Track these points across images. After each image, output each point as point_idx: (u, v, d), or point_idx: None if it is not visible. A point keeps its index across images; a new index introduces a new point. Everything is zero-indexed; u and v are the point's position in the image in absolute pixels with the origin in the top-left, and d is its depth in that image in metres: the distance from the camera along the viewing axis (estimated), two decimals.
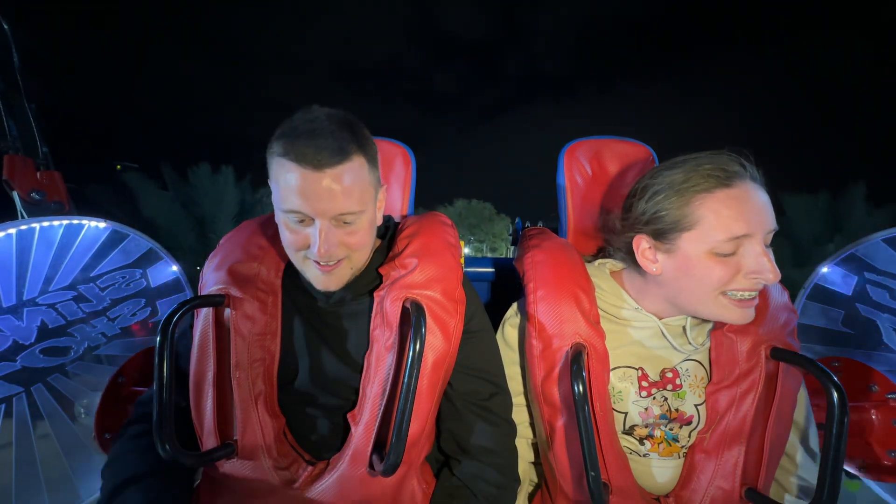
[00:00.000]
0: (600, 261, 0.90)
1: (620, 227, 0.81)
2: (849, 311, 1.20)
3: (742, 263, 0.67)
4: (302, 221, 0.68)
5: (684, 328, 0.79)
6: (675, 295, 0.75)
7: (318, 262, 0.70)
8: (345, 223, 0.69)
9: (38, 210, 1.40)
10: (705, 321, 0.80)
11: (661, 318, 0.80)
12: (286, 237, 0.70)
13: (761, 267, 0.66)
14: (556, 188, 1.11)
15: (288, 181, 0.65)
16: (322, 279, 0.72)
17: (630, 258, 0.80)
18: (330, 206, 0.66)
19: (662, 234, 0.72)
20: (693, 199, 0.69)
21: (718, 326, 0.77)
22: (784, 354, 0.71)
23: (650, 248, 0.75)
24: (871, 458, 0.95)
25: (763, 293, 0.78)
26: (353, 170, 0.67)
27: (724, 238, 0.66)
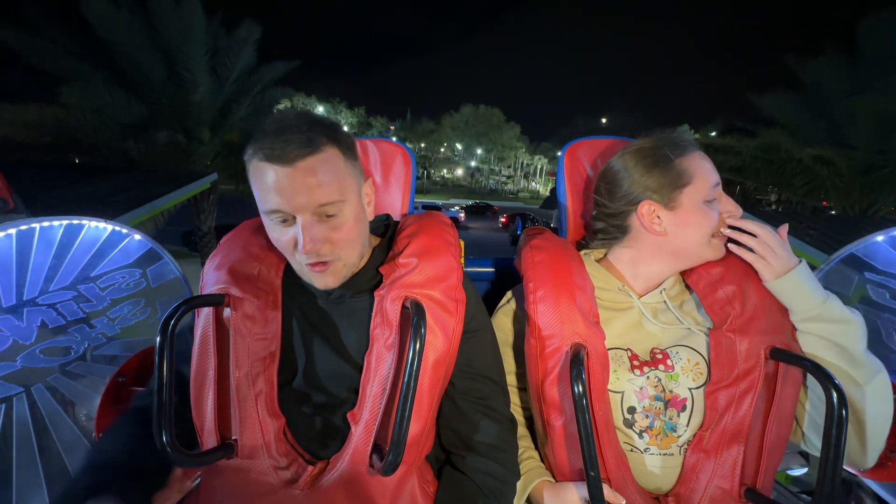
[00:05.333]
0: (584, 251, 0.95)
1: (618, 205, 0.86)
2: None
3: (719, 207, 0.82)
4: (285, 221, 0.68)
5: (666, 304, 0.84)
6: (677, 248, 0.83)
7: (309, 264, 0.70)
8: (327, 216, 0.68)
9: None
10: (682, 297, 0.86)
11: (640, 297, 0.85)
12: (275, 240, 0.71)
13: (731, 205, 0.82)
14: (556, 189, 1.11)
15: (264, 181, 0.65)
16: (319, 279, 0.73)
17: (621, 233, 0.87)
18: (308, 200, 0.65)
19: (668, 194, 0.81)
20: (687, 156, 0.80)
21: (715, 327, 0.78)
22: (784, 354, 0.71)
23: (654, 210, 0.82)
24: None
25: (763, 293, 0.78)
26: (327, 161, 0.67)
27: (709, 186, 0.79)
